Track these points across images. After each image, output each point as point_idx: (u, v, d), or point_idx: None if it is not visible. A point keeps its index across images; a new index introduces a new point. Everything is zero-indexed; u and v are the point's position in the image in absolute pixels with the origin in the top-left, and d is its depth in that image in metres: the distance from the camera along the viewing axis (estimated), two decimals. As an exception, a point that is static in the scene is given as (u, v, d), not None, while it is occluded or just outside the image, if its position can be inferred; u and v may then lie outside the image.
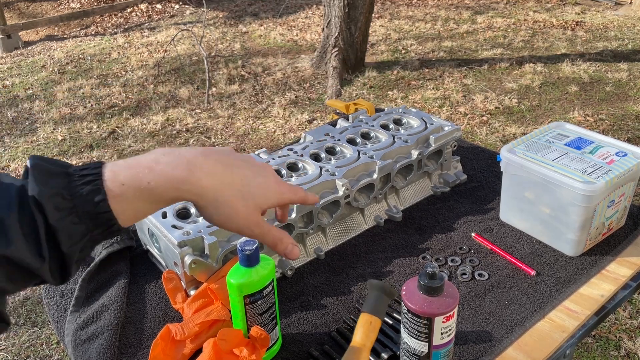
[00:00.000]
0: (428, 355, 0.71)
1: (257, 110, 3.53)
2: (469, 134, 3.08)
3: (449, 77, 3.88)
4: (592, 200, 0.90)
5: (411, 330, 0.71)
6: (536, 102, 3.47)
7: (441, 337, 0.70)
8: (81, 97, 3.85)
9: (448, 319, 0.70)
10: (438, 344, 0.71)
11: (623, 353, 1.69)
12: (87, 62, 4.54)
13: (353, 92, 3.73)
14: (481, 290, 0.91)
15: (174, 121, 3.43)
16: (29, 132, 3.37)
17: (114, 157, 3.01)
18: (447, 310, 0.69)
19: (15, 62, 4.63)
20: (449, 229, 1.07)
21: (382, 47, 4.59)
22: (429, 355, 0.72)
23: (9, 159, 3.05)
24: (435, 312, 0.68)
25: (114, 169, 0.47)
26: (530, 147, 1.03)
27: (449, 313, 0.69)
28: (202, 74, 4.06)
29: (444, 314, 0.69)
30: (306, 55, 4.47)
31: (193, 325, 0.80)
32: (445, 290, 0.70)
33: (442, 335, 0.70)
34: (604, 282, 0.92)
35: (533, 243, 1.02)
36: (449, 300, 0.69)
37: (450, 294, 0.70)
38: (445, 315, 0.69)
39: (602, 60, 4.06)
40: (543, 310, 0.86)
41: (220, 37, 5.07)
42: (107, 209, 0.45)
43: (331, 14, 3.93)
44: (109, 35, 5.30)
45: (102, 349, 0.80)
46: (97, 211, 0.45)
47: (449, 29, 4.98)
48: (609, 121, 3.17)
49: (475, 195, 1.17)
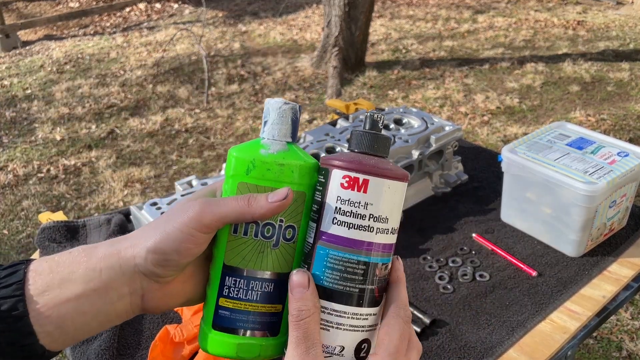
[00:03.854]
0: (312, 247, 0.41)
1: (257, 110, 3.52)
2: (470, 134, 3.08)
3: (450, 77, 3.88)
4: (593, 200, 0.90)
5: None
6: (537, 101, 3.46)
7: (335, 219, 0.40)
8: (80, 97, 3.84)
9: (353, 186, 0.39)
10: (326, 230, 0.40)
11: (625, 354, 1.68)
12: (85, 62, 4.53)
13: (353, 92, 3.72)
14: (482, 291, 0.91)
15: (173, 121, 3.42)
16: (28, 132, 3.36)
17: (112, 157, 3.01)
18: (353, 167, 0.39)
19: (14, 62, 4.62)
20: (450, 229, 1.06)
21: (382, 46, 4.59)
22: (312, 250, 0.41)
23: (8, 159, 3.04)
24: (334, 162, 0.40)
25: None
26: (531, 147, 1.02)
27: (357, 174, 0.39)
28: (201, 74, 4.05)
29: (347, 169, 0.40)
30: (306, 54, 4.46)
31: (192, 327, 0.80)
32: (381, 151, 0.42)
33: (337, 214, 0.40)
34: (605, 283, 0.91)
35: (534, 244, 1.01)
36: (371, 160, 0.40)
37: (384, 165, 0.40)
38: (349, 173, 0.39)
39: (604, 59, 4.05)
40: (544, 311, 0.86)
41: (219, 36, 5.06)
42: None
43: (331, 13, 3.93)
44: (107, 34, 5.29)
45: (101, 350, 0.79)
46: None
47: (450, 28, 4.98)
48: (610, 121, 3.16)
49: (476, 196, 1.16)
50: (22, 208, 2.60)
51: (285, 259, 0.42)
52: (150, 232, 0.40)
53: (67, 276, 0.40)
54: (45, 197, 2.68)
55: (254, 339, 0.41)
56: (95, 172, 2.89)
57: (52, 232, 1.04)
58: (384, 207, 0.40)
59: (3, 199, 2.68)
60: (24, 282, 0.39)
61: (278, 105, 0.42)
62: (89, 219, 1.09)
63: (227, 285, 0.41)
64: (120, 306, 0.41)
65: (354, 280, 0.40)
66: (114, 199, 2.63)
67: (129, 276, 0.40)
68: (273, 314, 0.42)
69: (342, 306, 0.40)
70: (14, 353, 0.38)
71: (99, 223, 1.08)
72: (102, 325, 0.41)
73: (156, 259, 0.39)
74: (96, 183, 2.78)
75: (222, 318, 0.42)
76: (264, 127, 0.43)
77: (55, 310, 0.39)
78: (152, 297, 0.42)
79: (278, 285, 0.42)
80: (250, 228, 0.41)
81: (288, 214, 0.41)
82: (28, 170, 2.92)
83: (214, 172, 2.81)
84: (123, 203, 2.60)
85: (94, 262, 0.40)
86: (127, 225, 1.06)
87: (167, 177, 2.81)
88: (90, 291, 0.40)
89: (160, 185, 2.74)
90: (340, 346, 0.39)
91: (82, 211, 2.55)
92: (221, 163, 2.89)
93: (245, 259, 0.41)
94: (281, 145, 0.42)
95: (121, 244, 0.41)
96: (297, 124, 0.43)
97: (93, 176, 2.85)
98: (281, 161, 0.41)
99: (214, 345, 0.42)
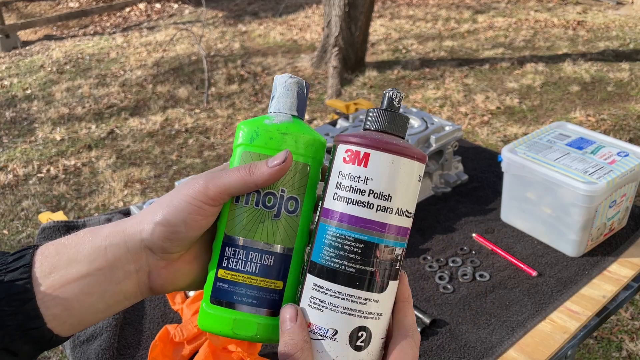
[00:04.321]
0: (316, 225, 0.40)
1: (257, 110, 3.52)
2: (470, 134, 3.08)
3: (450, 77, 3.88)
4: (593, 200, 0.90)
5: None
6: (537, 102, 3.46)
7: (335, 194, 0.39)
8: (80, 97, 3.84)
9: (354, 160, 0.38)
10: (329, 207, 0.39)
11: (625, 354, 1.68)
12: (85, 62, 4.53)
13: (353, 92, 3.72)
14: (482, 291, 0.91)
15: (172, 121, 3.42)
16: (27, 132, 3.36)
17: (112, 158, 3.01)
18: (355, 141, 0.39)
19: (14, 62, 4.62)
20: (450, 229, 1.06)
21: (382, 46, 4.59)
22: (315, 227, 0.40)
23: (7, 160, 3.04)
24: (340, 137, 0.40)
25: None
26: (531, 147, 1.02)
27: (358, 148, 0.38)
28: (201, 74, 4.05)
29: (349, 143, 0.39)
30: (306, 54, 4.46)
31: (192, 327, 0.80)
32: (395, 130, 0.40)
33: (337, 189, 0.39)
34: (605, 283, 0.91)
35: (534, 244, 1.01)
36: (377, 136, 0.39)
37: (391, 140, 0.39)
38: (350, 147, 0.39)
39: (604, 60, 4.05)
40: (544, 311, 0.86)
41: (219, 36, 5.06)
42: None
43: (331, 13, 3.93)
44: (107, 34, 5.29)
45: (101, 350, 0.79)
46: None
47: (450, 28, 4.98)
48: (610, 121, 3.16)
49: (476, 196, 1.16)
50: (22, 208, 2.60)
51: (287, 233, 0.41)
52: (156, 208, 0.40)
53: (73, 256, 0.40)
54: (45, 197, 2.68)
55: (251, 315, 0.40)
56: (95, 172, 2.88)
57: (52, 232, 1.04)
58: (385, 183, 0.38)
59: (3, 199, 2.68)
60: (31, 265, 0.39)
61: (284, 79, 0.43)
62: (89, 219, 1.09)
63: (227, 256, 0.41)
64: (128, 285, 0.41)
65: (350, 259, 0.37)
66: (114, 199, 2.63)
67: (135, 253, 0.40)
68: (273, 290, 0.40)
69: (337, 286, 0.38)
70: (23, 337, 0.38)
71: (99, 223, 1.08)
72: (110, 307, 0.41)
73: (164, 231, 0.39)
74: (96, 183, 2.78)
75: (220, 291, 0.40)
76: (271, 102, 0.43)
77: (61, 291, 0.39)
78: (158, 275, 0.41)
79: (279, 259, 0.41)
80: (252, 197, 0.41)
81: (290, 184, 0.41)
82: (28, 170, 2.92)
83: (214, 172, 2.81)
84: (123, 203, 2.60)
85: (99, 241, 0.40)
86: (127, 225, 1.06)
87: (167, 177, 2.81)
88: (95, 270, 0.39)
89: (160, 185, 2.74)
90: (334, 329, 0.37)
91: (82, 211, 2.55)
92: (221, 163, 2.89)
93: (245, 228, 0.40)
94: (286, 117, 0.42)
95: (126, 223, 0.41)
96: (304, 99, 0.44)
97: (93, 176, 2.85)
98: (284, 130, 0.41)
99: (210, 321, 0.40)
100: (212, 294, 0.41)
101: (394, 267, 0.39)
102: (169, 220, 0.39)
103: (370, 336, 0.38)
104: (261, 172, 0.40)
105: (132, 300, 0.42)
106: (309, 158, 0.42)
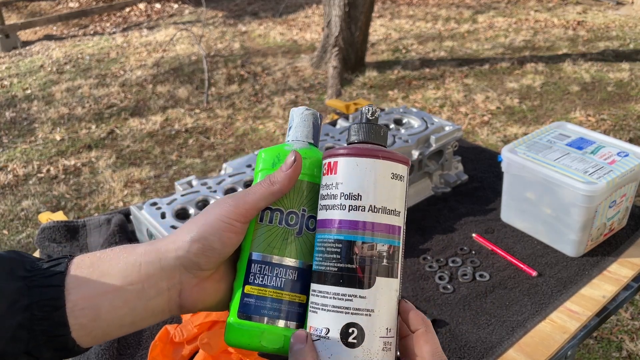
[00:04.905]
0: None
1: (257, 110, 3.52)
2: (470, 134, 3.08)
3: (450, 77, 3.88)
4: (593, 200, 0.90)
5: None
6: (537, 102, 3.46)
7: (320, 205, 0.43)
8: (80, 97, 3.84)
9: (328, 171, 0.42)
10: (319, 218, 0.43)
11: (625, 354, 1.68)
12: (85, 62, 4.53)
13: (353, 92, 3.72)
14: (482, 291, 0.91)
15: (172, 121, 3.42)
16: (27, 133, 3.36)
17: (112, 158, 3.01)
18: (328, 154, 0.42)
19: (14, 62, 4.62)
20: (450, 229, 1.06)
21: (382, 46, 4.59)
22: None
23: (7, 160, 3.04)
24: (325, 153, 0.44)
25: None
26: (531, 147, 1.02)
27: (330, 159, 0.42)
28: (201, 74, 4.05)
29: (325, 157, 0.43)
30: (306, 54, 4.46)
31: (192, 327, 0.80)
32: (372, 139, 0.43)
33: (321, 200, 0.43)
34: (605, 283, 0.91)
35: (534, 244, 1.01)
36: (351, 146, 0.42)
37: (357, 147, 0.42)
38: (325, 160, 0.43)
39: (604, 60, 4.05)
40: (544, 311, 0.86)
41: (219, 36, 5.06)
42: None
43: (331, 13, 3.93)
44: (107, 34, 5.29)
45: (101, 350, 0.79)
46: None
47: (450, 28, 4.98)
48: (610, 121, 3.16)
49: (476, 196, 1.16)
50: (22, 208, 2.60)
51: (309, 249, 0.44)
52: (191, 227, 0.42)
53: (107, 270, 0.41)
54: (45, 197, 2.68)
55: (278, 328, 0.42)
56: (95, 172, 2.88)
57: (52, 232, 1.04)
58: (352, 183, 0.41)
59: (3, 199, 2.68)
60: (65, 274, 0.40)
61: (300, 111, 0.47)
62: (88, 219, 1.09)
63: (253, 272, 0.43)
64: (158, 302, 0.42)
65: (331, 259, 0.40)
66: (114, 199, 2.63)
67: (169, 270, 0.42)
68: (298, 304, 0.43)
69: (324, 286, 0.40)
70: (47, 344, 0.39)
71: (98, 223, 1.08)
72: (136, 322, 0.42)
73: (200, 247, 0.41)
74: (96, 183, 2.78)
75: (247, 306, 0.42)
76: (289, 132, 0.47)
77: (92, 303, 0.40)
78: (190, 293, 0.43)
79: (301, 274, 0.43)
80: (275, 216, 0.44)
81: (310, 204, 0.44)
82: (28, 170, 2.92)
83: (214, 172, 2.81)
84: (123, 203, 2.60)
85: (134, 258, 0.42)
86: (127, 225, 1.06)
87: (167, 177, 2.81)
88: (128, 285, 0.41)
89: (160, 185, 2.74)
90: (326, 328, 0.39)
91: (82, 211, 2.55)
92: (221, 163, 2.89)
93: (270, 246, 0.43)
94: (303, 144, 0.47)
95: (161, 242, 0.43)
96: (319, 129, 0.48)
97: (93, 176, 2.85)
98: (303, 155, 0.45)
99: (238, 335, 0.42)
100: (239, 309, 0.43)
101: (380, 263, 0.40)
102: (206, 237, 0.41)
103: (363, 333, 0.39)
104: (280, 178, 0.43)
105: (159, 318, 0.43)
106: None
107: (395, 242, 0.41)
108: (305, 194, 0.44)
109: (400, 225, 0.42)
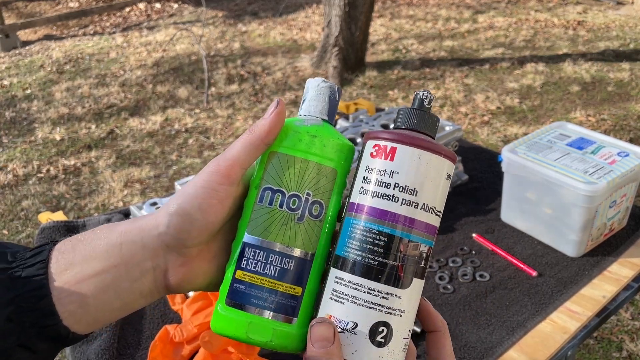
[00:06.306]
0: (341, 222, 0.40)
1: (257, 110, 3.52)
2: (470, 134, 3.08)
3: (450, 77, 3.88)
4: (593, 200, 0.90)
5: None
6: (538, 102, 3.46)
7: (361, 188, 0.39)
8: (79, 97, 3.84)
9: (381, 154, 0.39)
10: (355, 201, 0.39)
11: (625, 354, 1.68)
12: (85, 62, 4.53)
13: (353, 92, 3.72)
14: (482, 291, 0.91)
15: (172, 121, 3.42)
16: (27, 132, 3.36)
17: (112, 158, 3.01)
18: (383, 136, 0.39)
19: (14, 62, 4.62)
20: (450, 229, 1.06)
21: (382, 46, 4.59)
22: (341, 224, 0.41)
23: (7, 159, 3.04)
24: (369, 134, 0.40)
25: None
26: (531, 147, 1.02)
27: (385, 142, 0.39)
28: (201, 74, 4.05)
29: (377, 138, 0.39)
30: (306, 54, 4.46)
31: (192, 327, 0.80)
32: (424, 128, 0.40)
33: (364, 183, 0.39)
34: (605, 283, 0.91)
35: (534, 244, 1.01)
36: (405, 132, 0.39)
37: (419, 137, 0.39)
38: (378, 142, 0.39)
39: (604, 60, 4.05)
40: (544, 311, 0.86)
41: (219, 36, 5.06)
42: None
43: (331, 13, 3.93)
44: (107, 34, 5.29)
45: (101, 350, 0.79)
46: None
47: (450, 28, 4.98)
48: (610, 121, 3.16)
49: (476, 196, 1.16)
50: (21, 208, 2.60)
51: (310, 237, 0.40)
52: (171, 201, 0.39)
53: (89, 253, 0.39)
54: (45, 197, 2.68)
55: (267, 320, 0.39)
56: (95, 172, 2.88)
57: (51, 232, 1.04)
58: (411, 177, 0.38)
59: (3, 199, 2.68)
60: (47, 262, 0.38)
61: (316, 83, 0.43)
62: (88, 218, 1.09)
63: (246, 257, 0.39)
64: (144, 283, 0.40)
65: (373, 251, 0.37)
66: (114, 199, 2.63)
67: (151, 249, 0.39)
68: (291, 296, 0.39)
69: (358, 278, 0.37)
70: (40, 335, 0.37)
71: (98, 223, 1.08)
72: (126, 305, 0.40)
73: (180, 221, 0.38)
74: (96, 183, 2.78)
75: (237, 292, 0.39)
76: (302, 105, 0.43)
77: (77, 288, 0.38)
78: (175, 273, 0.40)
79: (299, 264, 0.40)
80: (276, 197, 0.40)
81: (315, 187, 0.40)
82: (28, 170, 2.92)
83: (214, 172, 2.81)
84: (123, 203, 2.60)
85: (114, 237, 0.39)
86: (126, 225, 1.06)
87: (167, 177, 2.81)
88: (110, 267, 0.39)
89: (160, 185, 2.74)
90: (354, 322, 0.37)
91: (81, 211, 2.55)
92: (221, 163, 2.88)
93: (267, 230, 0.40)
94: (316, 120, 0.42)
95: (143, 219, 0.40)
96: (335, 104, 0.43)
97: (93, 176, 2.85)
98: (314, 133, 0.41)
99: (224, 324, 0.39)
100: (228, 295, 0.40)
101: (419, 264, 0.38)
102: (184, 209, 0.38)
103: (392, 333, 0.37)
104: (260, 125, 0.39)
105: (148, 299, 0.41)
106: (336, 162, 0.41)
107: (432, 243, 0.40)
108: (312, 176, 0.40)
109: (438, 227, 0.40)
